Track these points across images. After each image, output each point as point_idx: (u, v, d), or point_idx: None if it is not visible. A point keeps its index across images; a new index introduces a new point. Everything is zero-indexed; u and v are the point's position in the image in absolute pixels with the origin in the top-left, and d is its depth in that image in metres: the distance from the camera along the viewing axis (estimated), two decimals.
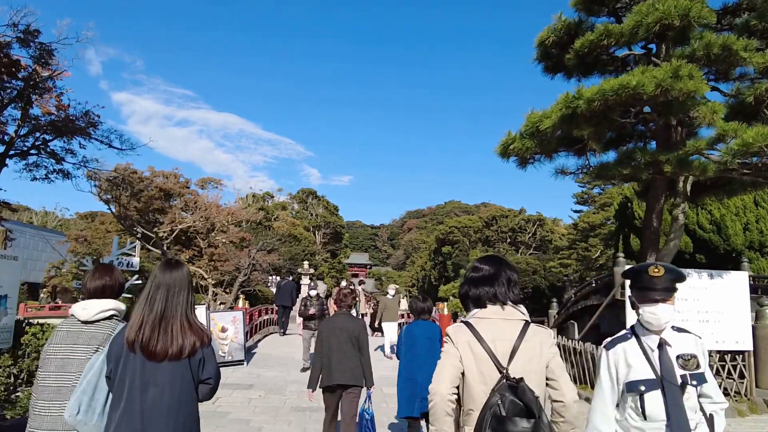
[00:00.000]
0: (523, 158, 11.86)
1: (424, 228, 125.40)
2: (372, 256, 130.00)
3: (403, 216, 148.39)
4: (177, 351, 2.98)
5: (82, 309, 3.37)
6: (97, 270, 3.58)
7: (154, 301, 3.07)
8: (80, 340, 3.29)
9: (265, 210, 58.95)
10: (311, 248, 66.49)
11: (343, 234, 79.88)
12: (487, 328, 2.63)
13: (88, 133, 16.37)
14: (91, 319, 3.33)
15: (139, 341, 2.95)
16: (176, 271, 3.18)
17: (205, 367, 3.08)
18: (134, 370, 2.93)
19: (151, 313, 3.03)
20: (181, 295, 3.12)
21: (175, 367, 2.98)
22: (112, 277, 3.53)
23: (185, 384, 3.00)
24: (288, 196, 78.86)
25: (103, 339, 3.27)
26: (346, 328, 6.26)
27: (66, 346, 3.28)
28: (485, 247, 71.25)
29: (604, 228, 47.38)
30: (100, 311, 3.34)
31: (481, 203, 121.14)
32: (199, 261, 32.52)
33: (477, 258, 2.95)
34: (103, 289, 3.44)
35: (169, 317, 3.04)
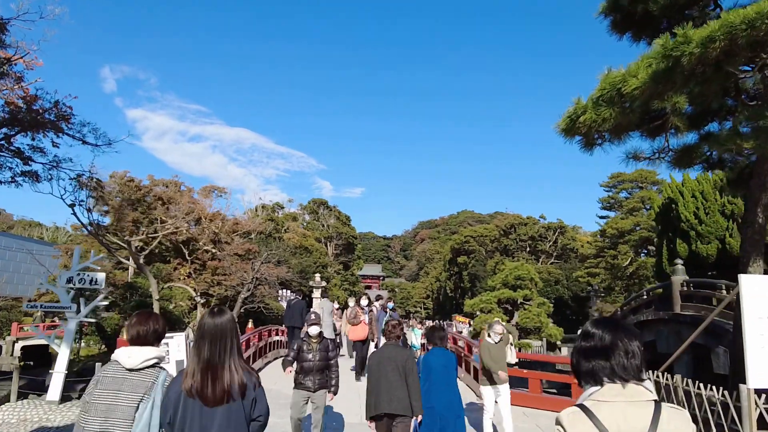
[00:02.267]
0: (589, 137, 9.25)
1: (437, 238, 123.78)
2: (385, 267, 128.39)
3: (415, 227, 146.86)
4: (228, 395, 3.18)
5: (127, 357, 3.43)
6: (140, 317, 3.60)
7: (201, 349, 3.26)
8: (125, 386, 3.35)
9: (274, 221, 56.58)
10: (323, 260, 63.99)
11: (355, 245, 77.40)
12: (610, 415, 2.10)
13: (59, 128, 13.96)
14: (136, 367, 3.38)
15: (194, 388, 3.18)
16: (220, 318, 3.36)
17: (256, 406, 3.31)
18: (192, 416, 3.17)
19: (199, 360, 3.24)
20: (225, 340, 3.29)
21: (229, 410, 3.19)
22: (152, 323, 3.57)
23: (239, 425, 3.20)
24: (299, 206, 76.58)
25: (148, 387, 3.37)
26: (393, 358, 6.36)
27: (111, 392, 3.33)
28: (503, 257, 68.37)
29: (634, 234, 44.45)
30: (144, 360, 3.41)
31: (495, 212, 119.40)
32: (202, 275, 30.16)
33: (591, 321, 2.40)
34: (146, 337, 3.50)
35: (217, 363, 3.23)
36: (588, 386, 2.29)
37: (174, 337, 9.16)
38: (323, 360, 7.39)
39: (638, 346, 2.31)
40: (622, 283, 46.84)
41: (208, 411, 3.16)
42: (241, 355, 3.39)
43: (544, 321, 25.52)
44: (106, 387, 3.39)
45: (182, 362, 8.91)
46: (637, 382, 2.28)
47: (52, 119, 13.84)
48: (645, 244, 46.29)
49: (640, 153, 10.23)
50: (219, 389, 3.18)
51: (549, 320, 26.34)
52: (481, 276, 74.84)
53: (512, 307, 27.33)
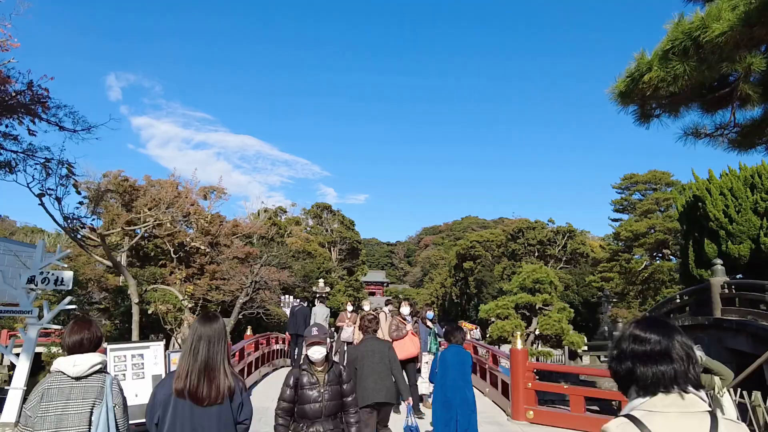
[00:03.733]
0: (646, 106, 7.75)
1: (441, 244, 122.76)
2: (389, 273, 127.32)
3: (419, 233, 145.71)
4: (221, 395, 3.32)
5: (72, 366, 3.41)
6: (76, 324, 3.62)
7: (197, 352, 3.36)
8: (74, 395, 3.34)
9: (277, 225, 55.05)
10: (327, 265, 62.45)
11: (360, 250, 75.85)
12: (663, 427, 1.90)
13: (34, 112, 12.48)
14: (82, 375, 3.38)
15: (187, 388, 3.29)
16: (215, 323, 3.50)
17: (242, 409, 3.45)
18: (183, 416, 3.27)
19: (196, 362, 3.34)
20: (220, 344, 3.44)
21: (219, 411, 3.33)
22: (90, 331, 3.58)
23: (228, 427, 3.35)
24: (302, 211, 75.10)
25: (98, 392, 3.39)
26: (377, 350, 6.52)
27: (60, 403, 3.31)
28: (511, 261, 66.65)
29: (650, 237, 42.80)
30: (91, 366, 3.42)
31: (500, 218, 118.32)
32: (200, 280, 28.64)
33: (634, 322, 2.16)
34: (82, 344, 3.49)
35: (212, 365, 3.36)
36: (636, 395, 2.04)
37: (150, 347, 7.66)
38: (335, 398, 4.71)
39: (692, 346, 2.09)
40: (637, 288, 45.16)
41: (199, 411, 3.28)
42: (229, 359, 3.50)
43: (566, 328, 23.91)
44: (52, 399, 3.33)
45: (159, 376, 7.44)
46: (692, 391, 2.03)
47: (26, 102, 12.36)
48: (660, 248, 44.65)
49: (701, 128, 8.72)
50: (213, 391, 3.29)
51: (570, 327, 24.74)
52: (487, 281, 73.25)
53: (530, 313, 25.72)
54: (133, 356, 7.49)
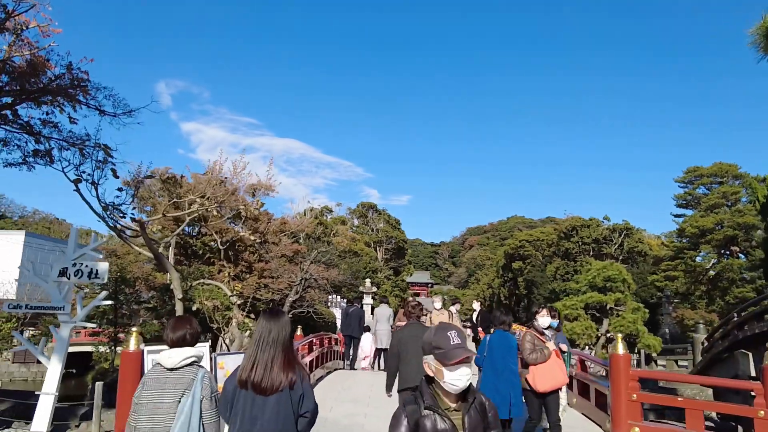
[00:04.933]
0: None
1: (486, 244, 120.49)
2: (433, 274, 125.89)
3: (463, 233, 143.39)
4: (282, 385, 3.42)
5: (167, 358, 3.70)
6: (177, 321, 3.94)
7: (266, 345, 3.50)
8: (168, 385, 3.60)
9: (323, 224, 54.34)
10: (373, 265, 61.51)
11: (406, 249, 74.62)
12: None
13: (73, 97, 11.67)
14: (176, 367, 3.64)
15: (251, 380, 3.41)
16: (281, 317, 3.68)
17: (304, 402, 3.48)
18: (244, 406, 3.40)
19: (264, 354, 3.48)
20: (285, 338, 3.58)
21: (279, 401, 3.40)
22: (191, 326, 3.88)
23: (287, 417, 3.41)
24: (347, 210, 74.34)
25: (188, 383, 3.60)
26: (420, 335, 5.57)
27: (156, 392, 3.58)
28: (564, 261, 64.18)
29: (717, 233, 40.00)
30: (183, 359, 3.67)
31: (547, 217, 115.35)
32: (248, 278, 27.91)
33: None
34: (182, 339, 3.77)
35: (278, 357, 3.49)
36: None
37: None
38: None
39: None
40: (703, 287, 42.34)
41: (259, 401, 3.38)
42: (293, 352, 3.64)
43: (641, 329, 21.95)
44: (150, 388, 3.62)
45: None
46: None
47: (66, 85, 11.55)
48: (729, 245, 41.75)
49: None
50: (276, 380, 3.40)
51: (645, 329, 22.76)
52: (538, 282, 70.82)
53: (600, 314, 23.84)
54: None
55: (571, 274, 60.92)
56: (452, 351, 2.68)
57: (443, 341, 2.74)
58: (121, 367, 6.94)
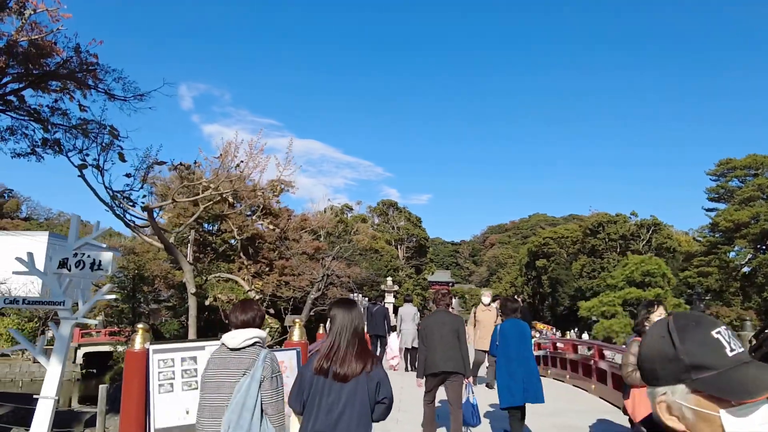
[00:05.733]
0: None
1: (507, 243, 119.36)
2: (454, 273, 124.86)
3: (484, 231, 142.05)
4: (359, 373, 3.53)
5: (231, 338, 3.79)
6: (242, 304, 4.06)
7: (343, 333, 3.65)
8: (230, 365, 3.70)
9: (344, 222, 53.69)
10: (394, 263, 60.70)
11: (427, 247, 73.74)
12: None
13: (83, 82, 11.04)
14: (238, 347, 3.73)
15: (330, 367, 3.54)
16: (354, 307, 3.84)
17: (381, 389, 3.59)
18: (322, 392, 3.51)
19: (342, 341, 3.62)
20: (359, 326, 3.74)
21: (356, 387, 3.51)
22: (256, 310, 4.01)
23: (363, 403, 3.52)
24: (367, 209, 73.66)
25: (249, 364, 3.67)
26: (447, 322, 6.60)
27: (219, 371, 3.70)
28: (591, 258, 62.75)
29: (753, 227, 38.37)
30: (245, 339, 3.76)
31: (570, 215, 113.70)
32: (269, 276, 27.30)
33: None
34: (247, 322, 3.89)
35: (355, 345, 3.63)
36: None
37: (205, 347, 5.82)
38: None
39: None
40: (737, 284, 40.74)
41: (336, 387, 3.48)
42: (366, 340, 3.78)
43: None
44: (215, 367, 3.74)
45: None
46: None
47: (74, 69, 10.90)
48: (765, 239, 40.09)
49: None
50: (353, 367, 3.50)
51: None
52: (563, 280, 69.43)
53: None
54: (183, 360, 5.64)
55: (598, 271, 59.58)
56: (742, 373, 1.11)
57: (706, 353, 1.14)
58: (126, 367, 6.21)
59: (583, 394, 10.41)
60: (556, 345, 14.50)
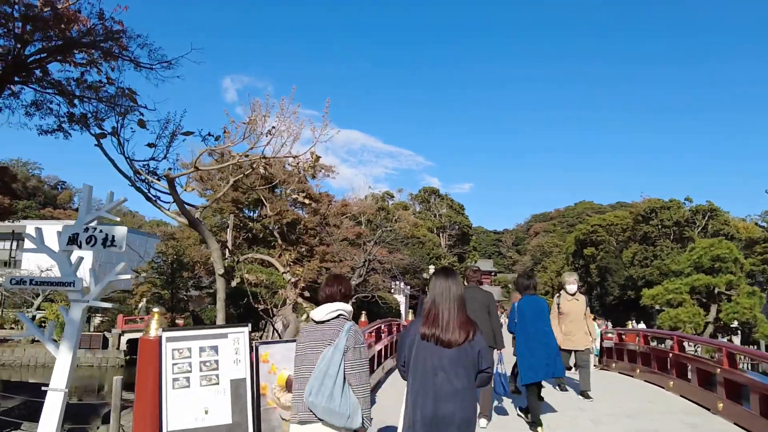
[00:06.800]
0: None
1: (552, 231, 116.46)
2: (496, 262, 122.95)
3: (528, 220, 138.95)
4: (461, 339, 3.62)
5: (316, 312, 3.98)
6: (333, 278, 4.17)
7: (444, 301, 3.72)
8: (316, 336, 3.87)
9: (384, 209, 52.79)
10: (436, 251, 59.55)
11: (470, 235, 72.20)
12: None
13: (109, 52, 10.32)
14: (323, 319, 3.89)
15: (433, 333, 3.65)
16: (456, 275, 3.89)
17: (483, 358, 3.70)
18: (425, 354, 3.63)
19: (444, 308, 3.70)
20: (461, 295, 3.79)
21: (458, 353, 3.61)
22: (343, 284, 4.12)
23: (467, 369, 3.61)
24: (409, 196, 72.59)
25: (333, 335, 3.77)
26: (478, 298, 6.76)
27: (306, 343, 3.89)
28: (643, 246, 60.03)
29: None
30: (329, 312, 3.90)
31: (617, 202, 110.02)
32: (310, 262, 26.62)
33: None
34: (333, 295, 4.00)
35: (455, 313, 3.70)
36: None
37: (228, 335, 4.95)
38: None
39: None
40: None
41: (440, 353, 3.58)
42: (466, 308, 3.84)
43: (759, 317, 18.97)
44: (304, 339, 3.92)
45: (241, 382, 4.77)
46: None
47: (99, 38, 10.18)
48: None
49: None
50: (456, 334, 3.60)
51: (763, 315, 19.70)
52: (613, 269, 66.82)
53: (707, 299, 20.90)
54: (202, 350, 4.77)
55: (650, 259, 56.97)
56: None
57: None
58: (140, 357, 5.41)
59: (661, 392, 9.19)
60: (621, 336, 13.20)
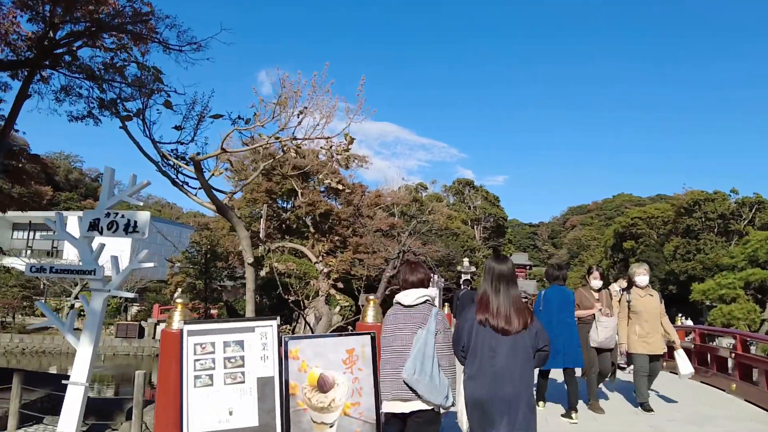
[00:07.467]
0: None
1: (590, 224, 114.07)
2: (532, 256, 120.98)
3: (564, 213, 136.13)
4: (517, 327, 3.71)
5: (404, 296, 4.17)
6: (414, 266, 4.39)
7: (499, 287, 3.84)
8: (405, 320, 4.05)
9: (418, 201, 52.17)
10: (470, 244, 58.70)
11: (506, 228, 71.08)
12: None
13: (138, 35, 10.04)
14: (411, 304, 4.10)
15: (487, 318, 3.75)
16: (508, 262, 4.03)
17: (540, 337, 3.79)
18: (484, 341, 3.72)
19: (498, 296, 3.81)
20: (513, 281, 3.91)
21: (515, 338, 3.70)
22: (424, 272, 4.35)
23: (525, 351, 3.70)
24: (442, 188, 71.77)
25: (423, 318, 4.00)
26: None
27: (394, 326, 4.08)
28: (685, 239, 58.03)
29: None
30: (417, 297, 4.12)
31: (657, 195, 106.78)
32: (343, 253, 26.29)
33: None
34: (418, 282, 4.22)
35: (510, 299, 3.80)
36: None
37: (255, 328, 4.52)
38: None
39: None
40: None
41: (497, 338, 3.69)
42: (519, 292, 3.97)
43: None
44: (391, 322, 4.11)
45: (269, 380, 4.33)
46: None
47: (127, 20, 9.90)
48: None
49: None
50: (512, 321, 3.70)
51: None
52: (654, 263, 64.96)
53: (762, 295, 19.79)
54: (226, 345, 4.34)
55: (693, 253, 55.14)
56: None
57: None
58: (162, 351, 5.04)
59: (722, 396, 8.50)
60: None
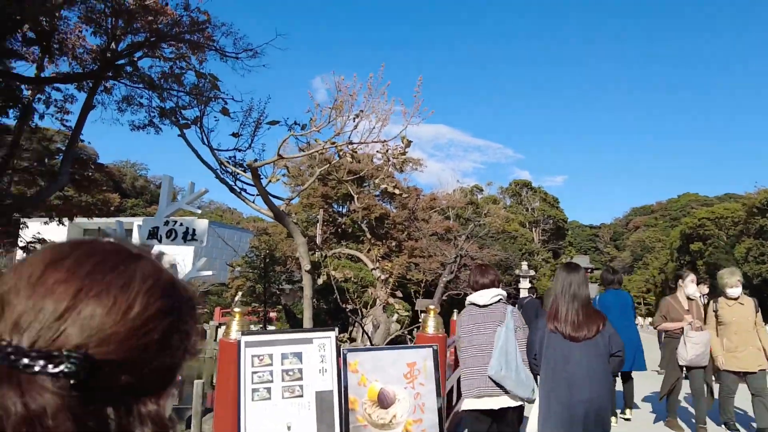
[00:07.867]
0: None
1: (654, 225, 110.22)
2: (593, 258, 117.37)
3: (627, 213, 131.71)
4: (589, 333, 3.79)
5: (479, 296, 4.38)
6: (484, 268, 4.61)
7: (570, 296, 3.91)
8: (481, 319, 4.26)
9: (474, 203, 51.54)
10: (529, 247, 57.57)
11: (566, 230, 69.33)
12: None
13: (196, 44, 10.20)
14: (487, 303, 4.30)
15: (561, 327, 3.85)
16: (579, 271, 4.12)
17: (613, 342, 3.83)
18: (556, 348, 3.84)
19: (572, 303, 3.90)
20: (585, 289, 3.97)
21: (588, 345, 3.78)
22: (494, 274, 4.55)
23: (598, 359, 3.78)
24: (498, 190, 70.70)
25: (500, 317, 4.21)
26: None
27: (472, 325, 4.28)
28: (758, 240, 55.01)
29: None
30: (492, 297, 4.33)
31: (725, 194, 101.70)
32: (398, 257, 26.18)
33: None
34: (490, 283, 4.42)
35: (581, 309, 3.88)
36: None
37: (313, 340, 4.38)
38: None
39: None
40: None
41: (569, 344, 3.77)
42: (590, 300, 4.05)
43: None
44: (468, 322, 4.29)
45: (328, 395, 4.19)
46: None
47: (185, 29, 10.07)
48: None
49: None
50: (584, 329, 3.78)
51: None
52: (723, 266, 61.85)
53: None
54: (284, 357, 4.21)
55: (767, 255, 52.26)
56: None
57: None
58: (220, 362, 4.97)
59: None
60: None
